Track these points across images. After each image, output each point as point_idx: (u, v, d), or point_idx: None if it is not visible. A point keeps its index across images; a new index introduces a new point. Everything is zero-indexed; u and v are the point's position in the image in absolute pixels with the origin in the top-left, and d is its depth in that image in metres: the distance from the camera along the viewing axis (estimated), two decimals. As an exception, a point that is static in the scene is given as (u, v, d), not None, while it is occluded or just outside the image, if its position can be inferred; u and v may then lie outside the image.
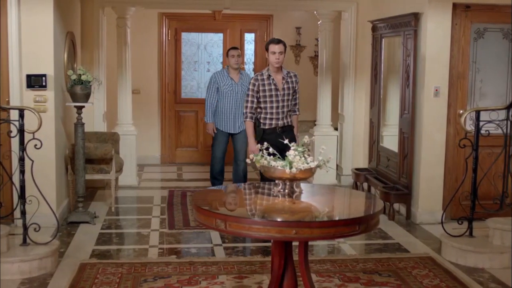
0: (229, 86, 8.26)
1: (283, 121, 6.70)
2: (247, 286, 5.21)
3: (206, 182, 9.45)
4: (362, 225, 3.76)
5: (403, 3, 7.74)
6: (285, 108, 6.69)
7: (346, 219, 3.79)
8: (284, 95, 6.66)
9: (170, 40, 11.29)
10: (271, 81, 6.59)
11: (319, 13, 9.56)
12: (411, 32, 7.39)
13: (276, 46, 6.45)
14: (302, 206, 4.05)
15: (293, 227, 3.60)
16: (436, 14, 7.11)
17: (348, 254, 6.16)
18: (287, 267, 4.13)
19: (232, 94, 8.26)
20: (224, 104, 8.28)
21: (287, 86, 6.67)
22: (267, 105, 6.62)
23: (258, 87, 6.59)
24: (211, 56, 11.52)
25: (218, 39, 11.50)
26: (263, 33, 11.52)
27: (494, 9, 7.24)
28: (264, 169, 4.18)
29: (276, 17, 11.47)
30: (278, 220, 3.71)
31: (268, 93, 6.60)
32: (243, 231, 3.69)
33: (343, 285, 5.27)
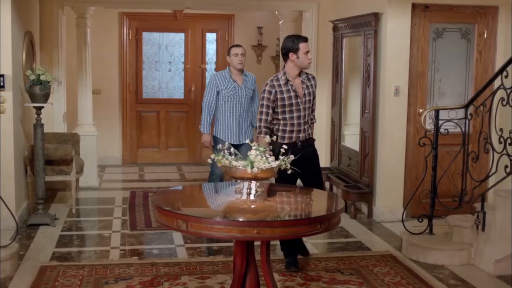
0: (231, 90, 6.90)
1: (304, 133, 5.61)
2: (210, 286, 5.20)
3: (168, 183, 9.42)
4: (323, 224, 3.78)
5: (363, 3, 7.80)
6: (306, 118, 5.60)
7: (308, 218, 3.81)
8: (305, 102, 5.56)
9: (131, 40, 11.21)
10: (289, 87, 5.47)
11: (280, 13, 9.60)
12: (372, 32, 7.45)
13: (307, 44, 5.49)
14: (263, 206, 4.04)
15: (255, 226, 3.60)
16: (396, 14, 7.19)
17: (310, 253, 6.18)
18: (249, 267, 4.13)
19: (235, 99, 6.92)
20: (226, 111, 6.94)
21: (308, 91, 5.58)
22: (286, 115, 5.50)
23: (275, 95, 5.46)
24: (173, 56, 11.47)
25: (180, 39, 11.46)
26: (224, 33, 11.51)
27: (452, 9, 7.35)
28: (226, 169, 4.17)
29: (238, 17, 11.47)
30: (240, 220, 3.71)
31: (287, 102, 5.47)
32: (204, 231, 3.68)
33: (306, 284, 5.30)
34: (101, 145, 9.93)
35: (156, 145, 11.47)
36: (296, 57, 5.41)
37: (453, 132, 6.24)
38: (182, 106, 11.51)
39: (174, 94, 11.54)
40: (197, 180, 9.89)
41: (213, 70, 11.59)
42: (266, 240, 3.96)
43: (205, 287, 5.19)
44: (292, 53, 5.42)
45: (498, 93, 5.55)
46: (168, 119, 11.45)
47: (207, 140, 7.05)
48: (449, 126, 6.14)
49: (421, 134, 6.49)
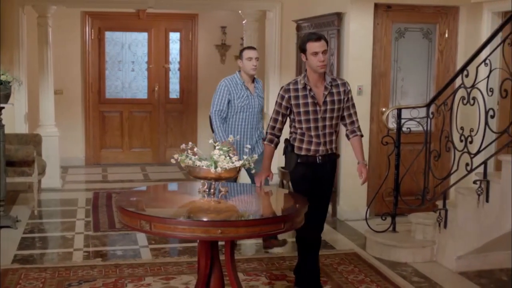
0: (244, 99, 6.08)
1: (325, 147, 4.79)
2: (174, 287, 5.18)
3: (132, 183, 9.36)
4: (287, 223, 3.79)
5: (326, 3, 7.84)
6: (327, 129, 4.77)
7: (271, 217, 3.82)
8: (327, 111, 4.74)
9: (94, 39, 11.11)
10: (307, 92, 4.71)
11: (244, 12, 9.59)
12: (335, 32, 7.49)
13: (317, 43, 4.64)
14: (227, 206, 4.04)
15: (219, 226, 3.59)
16: (359, 14, 7.23)
17: (275, 253, 6.19)
18: (213, 267, 4.12)
19: (249, 109, 6.10)
20: (237, 123, 6.11)
21: (331, 99, 4.74)
22: (303, 125, 4.75)
23: (288, 100, 4.74)
24: (136, 56, 11.40)
25: (143, 38, 11.39)
26: (188, 33, 11.47)
27: (414, 9, 7.42)
28: (189, 169, 4.16)
29: (201, 17, 11.44)
30: (204, 220, 3.70)
31: (302, 109, 4.72)
32: (168, 231, 3.66)
33: (270, 283, 5.30)
34: (64, 145, 9.82)
35: (119, 145, 11.38)
36: (305, 59, 4.72)
37: (415, 130, 6.30)
38: (146, 106, 11.44)
39: (137, 94, 11.47)
40: (161, 180, 9.84)
41: (177, 70, 11.53)
42: (230, 239, 3.96)
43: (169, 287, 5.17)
44: (302, 53, 4.75)
45: (459, 92, 5.62)
46: (131, 119, 11.37)
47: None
48: (412, 125, 6.20)
49: (384, 133, 6.54)
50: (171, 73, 11.53)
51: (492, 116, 5.27)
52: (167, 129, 11.54)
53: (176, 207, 4.12)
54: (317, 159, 4.81)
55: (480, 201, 5.35)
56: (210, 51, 11.50)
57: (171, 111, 11.57)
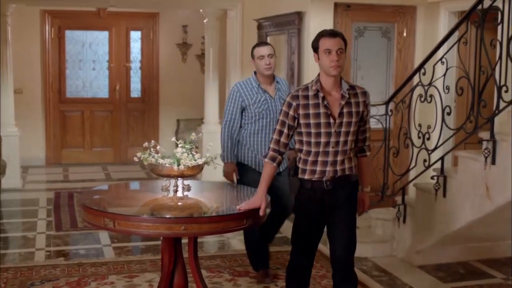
0: (262, 103, 5.17)
1: (333, 167, 3.92)
2: (138, 285, 5.20)
3: (94, 183, 9.32)
4: (249, 219, 3.85)
5: (287, 2, 7.91)
6: (340, 146, 3.90)
7: (234, 213, 3.86)
8: (342, 125, 3.89)
9: (54, 38, 11.03)
10: (320, 100, 3.87)
11: (205, 11, 9.63)
12: (295, 31, 7.57)
13: (332, 40, 3.88)
14: (190, 203, 4.08)
15: (182, 223, 3.64)
16: (319, 13, 7.32)
17: (237, 249, 6.25)
18: (177, 263, 4.16)
19: (269, 115, 5.18)
20: (256, 132, 5.20)
21: (348, 110, 3.91)
22: (311, 139, 3.90)
23: (295, 109, 3.89)
24: (97, 55, 11.35)
25: (104, 37, 11.34)
26: (149, 31, 11.46)
27: (373, 9, 7.54)
28: (152, 167, 4.19)
29: (162, 15, 11.43)
30: (167, 217, 3.75)
31: (313, 121, 3.87)
32: (132, 229, 3.70)
33: (233, 279, 5.36)
34: (24, 145, 9.73)
35: (80, 145, 11.32)
36: (317, 59, 3.93)
37: (375, 128, 6.36)
38: (107, 105, 11.40)
39: (98, 93, 11.42)
40: (123, 179, 9.82)
41: (138, 68, 11.51)
42: (193, 236, 4.00)
43: (133, 285, 5.19)
44: (314, 53, 3.97)
45: (417, 90, 5.73)
46: (92, 119, 11.32)
47: (229, 172, 5.24)
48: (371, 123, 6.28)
49: (344, 131, 6.63)
50: (132, 72, 11.51)
51: (449, 113, 5.40)
52: (128, 128, 11.51)
53: (139, 205, 4.14)
54: (324, 184, 3.92)
55: (438, 196, 5.48)
56: (171, 50, 11.51)
57: (133, 110, 11.55)
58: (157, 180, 4.59)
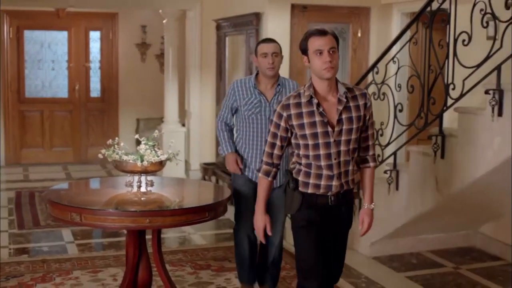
0: (254, 106, 4.65)
1: (339, 181, 3.51)
2: (102, 279, 5.32)
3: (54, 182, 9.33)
4: (211, 212, 4.03)
5: (245, 3, 8.09)
6: (342, 156, 3.49)
7: (196, 206, 4.04)
8: (342, 133, 3.47)
9: (12, 38, 11.02)
10: (315, 107, 3.44)
11: (164, 12, 9.75)
12: (253, 31, 7.76)
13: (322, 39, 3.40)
14: (154, 197, 4.23)
15: (147, 216, 3.80)
16: (276, 14, 7.52)
17: (198, 244, 6.42)
18: (141, 257, 4.32)
19: (260, 120, 4.64)
20: (246, 136, 4.70)
21: (348, 116, 3.48)
22: (309, 152, 3.49)
23: (287, 120, 3.50)
24: (56, 55, 11.36)
25: (63, 37, 11.36)
26: (108, 31, 11.52)
27: (329, 10, 7.77)
28: (116, 163, 4.32)
29: (122, 15, 11.50)
30: (132, 210, 3.90)
31: (309, 131, 3.46)
32: (98, 222, 3.85)
33: (195, 272, 5.52)
34: (-17, 145, 9.72)
35: (40, 145, 11.33)
36: (308, 61, 3.47)
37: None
38: (67, 105, 11.43)
39: (58, 93, 11.43)
40: (83, 179, 9.86)
41: (98, 68, 11.57)
42: (157, 228, 4.16)
43: (97, 280, 5.31)
44: (303, 55, 3.51)
45: (370, 88, 5.96)
46: (52, 118, 11.33)
47: (232, 161, 4.71)
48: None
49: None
50: (92, 71, 11.55)
51: (401, 110, 5.65)
52: (88, 128, 11.55)
53: (104, 200, 4.28)
54: (328, 199, 3.53)
55: (391, 190, 5.72)
56: (130, 50, 11.58)
57: (92, 110, 11.59)
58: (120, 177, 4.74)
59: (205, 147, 9.66)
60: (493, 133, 4.64)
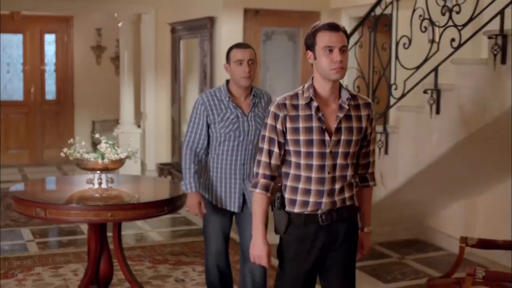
0: (232, 122, 4.07)
1: (331, 198, 3.04)
2: (63, 274, 5.50)
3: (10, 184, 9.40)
4: (169, 206, 4.27)
5: (200, 7, 8.34)
6: (338, 171, 3.04)
7: (155, 201, 4.28)
8: (340, 143, 3.04)
9: (-34, 41, 11.06)
10: (313, 111, 3.02)
11: (119, 15, 9.92)
12: (207, 35, 8.02)
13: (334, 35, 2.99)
14: (115, 193, 4.45)
15: (109, 210, 4.03)
16: (229, 18, 7.79)
17: (156, 241, 6.65)
18: (103, 251, 4.53)
19: (238, 137, 4.08)
20: (222, 158, 4.10)
21: (348, 125, 3.05)
22: (301, 161, 3.04)
23: (283, 121, 3.04)
24: (11, 57, 11.43)
25: (18, 40, 11.43)
26: (63, 34, 11.62)
27: (280, 14, 8.07)
28: (78, 161, 4.53)
29: (77, 19, 11.60)
30: (95, 204, 4.12)
31: (303, 137, 3.01)
32: (62, 217, 4.06)
33: (154, 266, 5.74)
34: None
35: (-5, 147, 11.38)
36: (314, 58, 3.05)
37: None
38: (22, 108, 11.49)
39: (13, 96, 11.49)
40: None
41: (53, 71, 11.66)
42: (119, 221, 4.39)
43: (58, 275, 5.48)
44: (309, 51, 3.08)
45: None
46: (7, 121, 11.36)
47: (193, 204, 4.08)
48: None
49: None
50: (47, 74, 11.64)
51: (348, 110, 5.96)
52: (44, 130, 11.62)
53: (67, 196, 4.49)
54: (319, 218, 3.04)
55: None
56: (85, 53, 11.70)
57: (48, 112, 11.66)
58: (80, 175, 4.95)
59: (160, 148, 9.87)
60: (431, 130, 4.99)
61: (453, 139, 4.84)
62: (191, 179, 4.06)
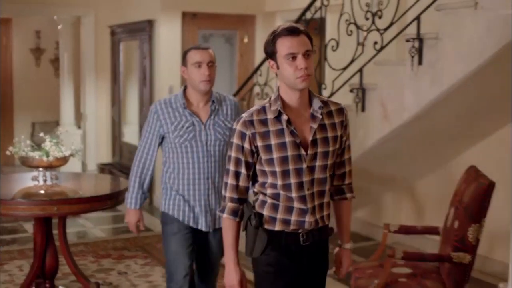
0: (186, 131, 3.72)
1: (313, 216, 2.81)
2: (9, 270, 5.67)
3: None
4: (111, 200, 4.53)
5: (139, 10, 8.54)
6: (315, 186, 2.82)
7: (99, 195, 4.53)
8: (317, 157, 2.80)
9: None
10: (284, 125, 2.76)
11: (59, 17, 10.02)
12: (146, 37, 8.24)
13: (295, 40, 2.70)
14: (59, 189, 4.66)
15: (55, 204, 4.27)
16: (168, 21, 8.04)
17: (98, 237, 6.86)
18: (48, 244, 4.74)
19: (196, 148, 3.73)
20: (184, 171, 3.76)
21: (323, 136, 2.81)
22: (277, 181, 2.79)
23: (251, 140, 2.78)
24: (-50, 60, 11.40)
25: (-44, 42, 11.42)
26: (2, 37, 11.59)
27: (217, 17, 8.35)
28: (23, 159, 4.72)
29: (16, 21, 11.60)
30: (41, 199, 4.34)
31: (277, 155, 2.76)
32: (10, 211, 4.29)
33: (97, 261, 5.97)
34: None
35: None
36: (276, 67, 2.76)
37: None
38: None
39: (-49, 98, 11.45)
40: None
41: (-9, 73, 11.65)
42: (65, 215, 4.63)
43: (4, 271, 5.64)
44: (270, 60, 2.79)
45: (255, 88, 6.60)
46: None
47: (131, 222, 3.90)
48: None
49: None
50: (-14, 77, 11.65)
51: (282, 109, 6.29)
52: (-18, 132, 11.62)
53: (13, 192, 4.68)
54: (300, 238, 2.82)
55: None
56: (24, 55, 11.73)
57: (-13, 115, 11.66)
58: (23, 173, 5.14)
59: (101, 148, 10.01)
60: (357, 126, 5.35)
61: (378, 135, 5.21)
62: (134, 194, 3.81)
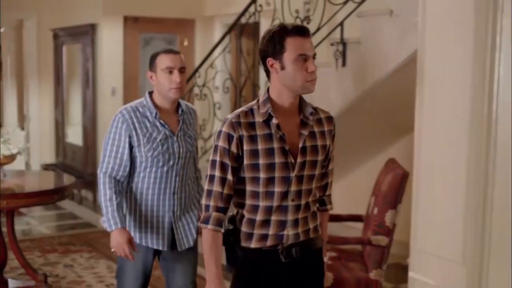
0: (159, 144, 3.37)
1: (295, 229, 2.61)
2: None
3: None
4: (58, 194, 4.83)
5: (81, 14, 8.76)
6: (303, 198, 2.62)
7: (45, 190, 4.82)
8: (305, 166, 2.60)
9: None
10: (272, 130, 2.55)
11: (1, 21, 10.07)
12: (89, 40, 8.49)
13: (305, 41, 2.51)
14: (9, 185, 4.92)
15: (4, 198, 4.54)
16: (110, 25, 8.30)
17: (44, 233, 7.10)
18: (-3, 238, 5.00)
19: (168, 161, 3.39)
20: (149, 185, 3.41)
21: (312, 144, 2.62)
22: (259, 189, 2.56)
23: (238, 144, 2.54)
24: None
25: None
26: None
27: (158, 21, 8.65)
28: (-28, 158, 4.96)
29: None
30: (-10, 194, 4.62)
31: (264, 161, 2.54)
32: (-40, 206, 4.53)
33: (43, 255, 6.22)
34: None
35: None
36: (280, 68, 2.52)
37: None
38: None
39: None
40: None
41: None
42: (13, 209, 4.90)
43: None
44: (271, 58, 2.54)
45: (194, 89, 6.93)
46: None
47: (120, 243, 3.28)
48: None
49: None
50: None
51: (219, 108, 6.66)
52: None
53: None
54: (279, 254, 2.60)
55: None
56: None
57: None
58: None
59: (44, 149, 10.15)
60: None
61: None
62: (115, 213, 3.27)
